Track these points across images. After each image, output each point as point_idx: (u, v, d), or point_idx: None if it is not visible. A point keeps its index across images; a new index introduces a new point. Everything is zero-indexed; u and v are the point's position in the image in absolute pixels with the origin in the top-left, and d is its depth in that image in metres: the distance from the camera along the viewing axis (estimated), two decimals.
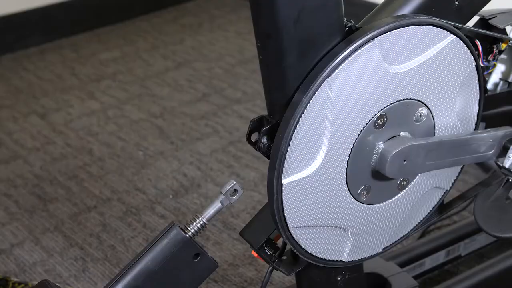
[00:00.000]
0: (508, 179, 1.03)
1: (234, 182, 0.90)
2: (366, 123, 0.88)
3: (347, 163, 0.89)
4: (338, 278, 1.04)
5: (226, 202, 0.90)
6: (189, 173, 1.91)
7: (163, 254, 0.86)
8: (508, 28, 1.03)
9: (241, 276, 1.52)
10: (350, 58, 0.84)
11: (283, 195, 0.87)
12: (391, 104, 0.89)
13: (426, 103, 0.93)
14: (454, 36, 0.91)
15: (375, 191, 0.94)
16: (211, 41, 2.79)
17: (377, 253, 1.01)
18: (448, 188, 1.03)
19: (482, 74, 0.98)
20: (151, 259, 0.85)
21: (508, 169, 1.02)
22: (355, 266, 1.04)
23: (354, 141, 0.88)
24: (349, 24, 0.87)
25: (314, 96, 0.84)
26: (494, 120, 1.06)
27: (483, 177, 1.45)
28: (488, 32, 1.00)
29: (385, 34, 0.85)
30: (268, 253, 0.99)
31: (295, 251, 0.94)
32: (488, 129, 1.00)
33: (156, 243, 0.86)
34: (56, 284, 0.87)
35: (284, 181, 0.86)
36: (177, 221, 1.70)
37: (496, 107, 1.08)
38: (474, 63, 0.95)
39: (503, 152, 1.00)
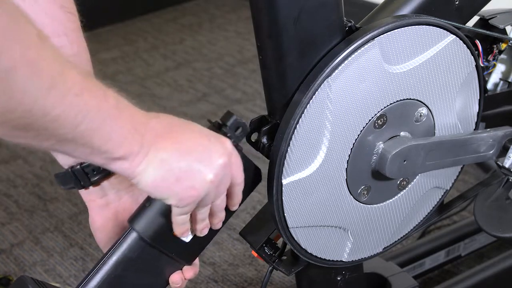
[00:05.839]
0: (508, 179, 1.03)
1: None
2: (366, 123, 0.88)
3: (347, 163, 0.89)
4: (338, 278, 1.04)
5: None
6: None
7: (139, 243, 0.83)
8: (508, 28, 1.03)
9: (241, 276, 1.52)
10: (350, 58, 0.84)
11: (283, 195, 0.87)
12: (391, 104, 0.89)
13: (426, 103, 0.93)
14: (454, 36, 0.91)
15: (375, 191, 0.94)
16: (211, 41, 2.79)
17: (377, 253, 1.01)
18: (448, 188, 1.03)
19: (482, 74, 0.98)
20: (128, 247, 0.82)
21: (508, 169, 1.02)
22: (355, 266, 1.04)
23: (354, 141, 0.88)
24: (349, 24, 0.87)
25: (314, 96, 0.84)
26: (494, 120, 1.06)
27: (483, 177, 1.45)
28: (488, 32, 1.00)
29: (385, 34, 0.85)
30: (268, 253, 0.99)
31: (295, 251, 0.94)
32: (488, 129, 1.00)
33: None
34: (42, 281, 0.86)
35: (284, 181, 0.86)
36: None
37: (496, 107, 1.08)
38: (474, 63, 0.95)
39: (503, 152, 1.00)
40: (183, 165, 0.73)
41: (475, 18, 1.02)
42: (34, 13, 0.82)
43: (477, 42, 0.98)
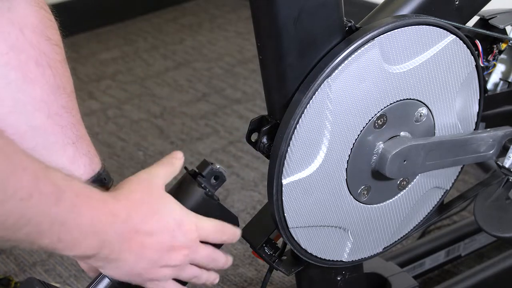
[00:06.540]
0: (508, 179, 1.03)
1: None
2: (366, 123, 0.88)
3: (347, 163, 0.89)
4: (338, 278, 1.04)
5: None
6: None
7: None
8: (508, 28, 1.03)
9: (241, 276, 1.52)
10: (350, 58, 0.84)
11: (283, 195, 0.87)
12: (391, 104, 0.89)
13: (426, 103, 0.93)
14: (454, 36, 0.91)
15: (375, 191, 0.94)
16: (211, 41, 2.79)
17: (377, 253, 1.01)
18: (448, 188, 1.03)
19: (482, 74, 0.98)
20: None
21: (508, 169, 1.02)
22: (355, 266, 1.04)
23: (354, 141, 0.88)
24: (349, 24, 0.87)
25: (314, 96, 0.84)
26: (494, 120, 1.06)
27: (483, 177, 1.45)
28: (488, 32, 1.00)
29: (385, 34, 0.85)
30: (268, 253, 0.99)
31: (295, 251, 0.94)
32: (488, 129, 1.00)
33: None
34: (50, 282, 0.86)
35: (284, 181, 0.86)
36: None
37: (496, 107, 1.08)
38: (474, 63, 0.95)
39: (503, 152, 1.00)
40: (145, 266, 0.76)
41: (475, 18, 1.02)
42: (20, 44, 0.81)
43: (477, 42, 0.98)
